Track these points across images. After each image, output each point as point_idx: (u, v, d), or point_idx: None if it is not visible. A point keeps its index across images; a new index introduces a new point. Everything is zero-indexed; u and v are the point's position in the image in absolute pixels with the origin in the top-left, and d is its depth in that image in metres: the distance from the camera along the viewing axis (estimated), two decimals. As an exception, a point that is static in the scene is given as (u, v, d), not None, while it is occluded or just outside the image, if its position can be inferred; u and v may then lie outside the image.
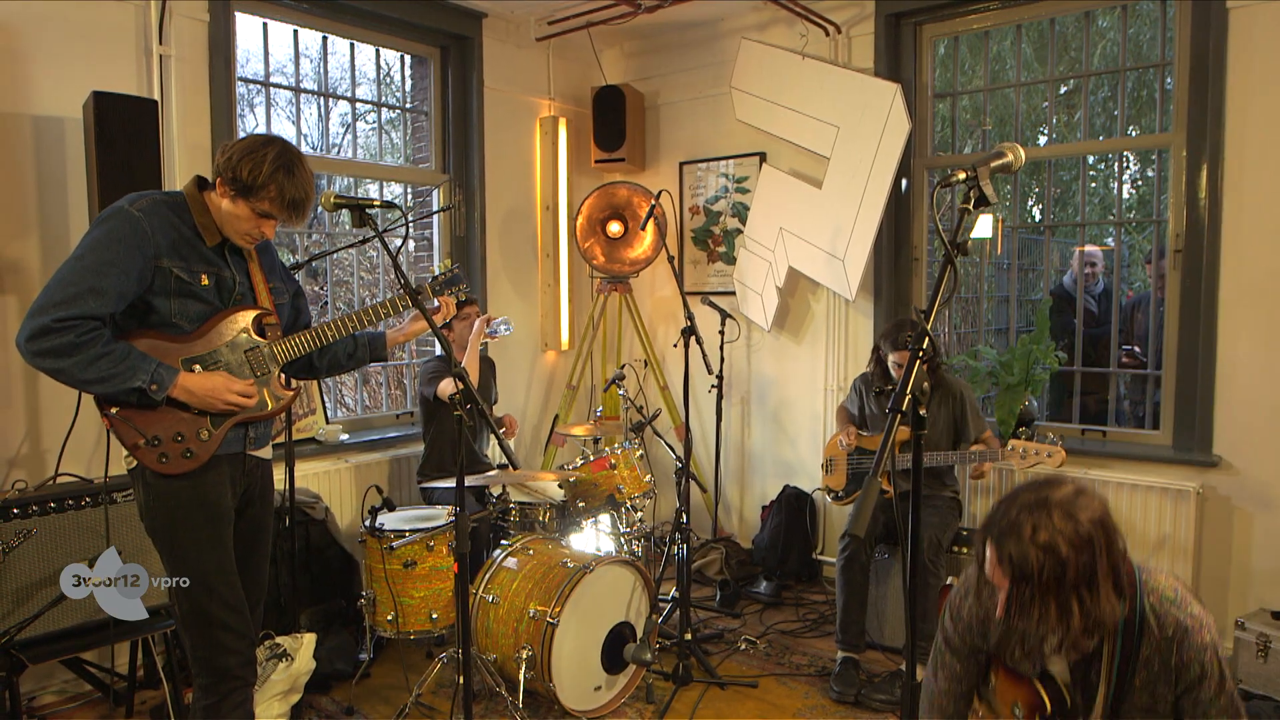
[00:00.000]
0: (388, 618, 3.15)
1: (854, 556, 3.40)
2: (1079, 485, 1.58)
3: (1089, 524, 1.51)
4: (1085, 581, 1.50)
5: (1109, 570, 1.52)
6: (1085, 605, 1.50)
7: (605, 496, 3.63)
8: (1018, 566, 1.52)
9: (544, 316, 5.10)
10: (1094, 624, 1.53)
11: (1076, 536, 1.50)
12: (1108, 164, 5.36)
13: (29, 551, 2.70)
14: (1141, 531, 3.58)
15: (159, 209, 2.07)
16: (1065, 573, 1.49)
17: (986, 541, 1.59)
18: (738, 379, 4.89)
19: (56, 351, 1.93)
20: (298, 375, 2.47)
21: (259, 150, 2.06)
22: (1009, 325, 4.40)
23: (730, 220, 4.89)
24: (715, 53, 4.85)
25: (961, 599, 1.84)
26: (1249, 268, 3.40)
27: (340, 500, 4.02)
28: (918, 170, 4.32)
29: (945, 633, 1.88)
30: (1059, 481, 1.60)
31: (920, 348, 1.49)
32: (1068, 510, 1.52)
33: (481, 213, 4.69)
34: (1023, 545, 1.51)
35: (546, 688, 2.95)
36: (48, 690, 3.18)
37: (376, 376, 5.56)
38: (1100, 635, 1.58)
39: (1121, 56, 3.91)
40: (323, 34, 4.15)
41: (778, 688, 3.36)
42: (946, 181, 1.60)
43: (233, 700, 2.17)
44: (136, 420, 2.05)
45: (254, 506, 2.32)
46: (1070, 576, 1.49)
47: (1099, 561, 1.51)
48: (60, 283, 1.95)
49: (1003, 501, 1.61)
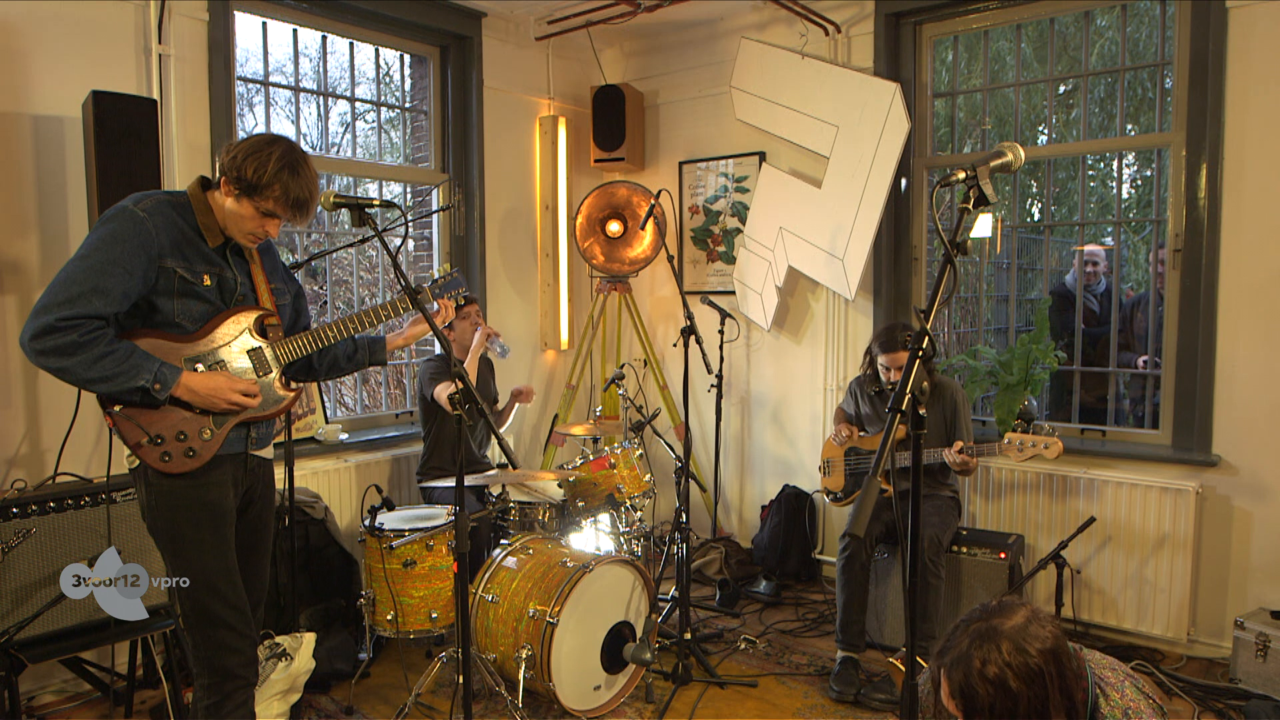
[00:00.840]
0: (387, 617, 3.15)
1: (854, 556, 3.41)
2: (1031, 611, 1.55)
3: (1039, 655, 1.48)
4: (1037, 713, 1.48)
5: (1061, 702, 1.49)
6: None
7: (605, 496, 3.63)
8: (968, 700, 1.50)
9: (543, 316, 5.10)
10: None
11: (1026, 669, 1.47)
12: (1106, 163, 5.36)
13: (28, 551, 2.71)
14: (1141, 531, 3.58)
15: (162, 209, 2.07)
16: (1017, 706, 1.47)
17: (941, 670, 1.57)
18: (737, 378, 4.89)
19: (60, 351, 1.93)
20: (296, 377, 2.47)
21: (264, 149, 2.06)
22: (1008, 325, 4.40)
23: (730, 220, 4.90)
24: (715, 52, 4.85)
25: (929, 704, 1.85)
26: (1249, 267, 3.40)
27: (340, 500, 4.02)
28: (917, 170, 4.32)
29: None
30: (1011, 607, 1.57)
31: (920, 347, 1.49)
32: (1017, 643, 1.49)
33: (481, 212, 4.69)
34: (971, 680, 1.49)
35: (546, 687, 2.95)
36: (47, 690, 3.18)
37: (376, 376, 5.56)
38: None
39: (1122, 56, 3.91)
40: (322, 33, 4.15)
41: (777, 687, 3.36)
42: (946, 181, 1.60)
43: (235, 700, 2.18)
44: (139, 419, 2.06)
45: (255, 506, 2.32)
46: (1022, 709, 1.47)
47: (1050, 693, 1.48)
48: (64, 282, 1.95)
49: (954, 628, 1.59)
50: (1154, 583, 3.57)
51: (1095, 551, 3.70)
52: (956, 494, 3.66)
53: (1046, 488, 3.82)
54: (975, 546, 3.55)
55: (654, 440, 4.40)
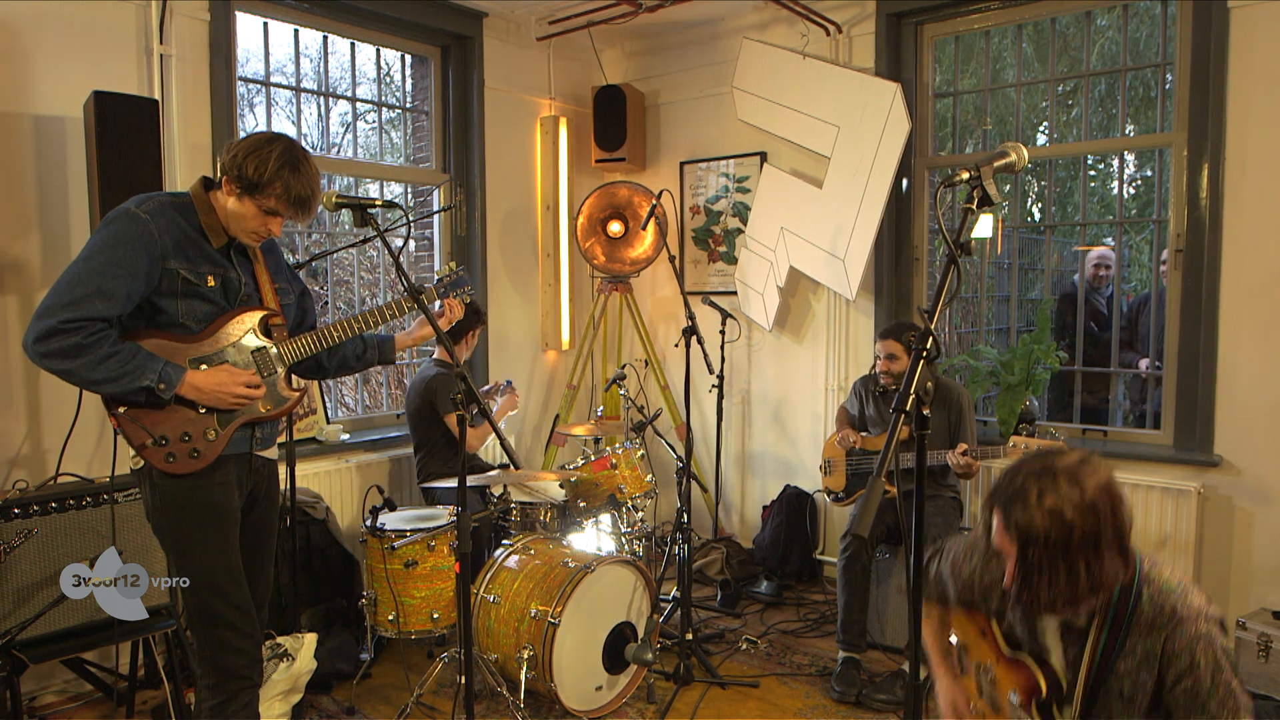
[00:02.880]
0: (389, 617, 3.15)
1: (855, 556, 3.40)
2: (1085, 454, 1.58)
3: (1095, 490, 1.52)
4: (1091, 545, 1.50)
5: (1114, 536, 1.53)
6: (1091, 569, 1.51)
7: (606, 496, 3.63)
8: (1024, 531, 1.52)
9: (544, 316, 5.10)
10: (1100, 585, 1.53)
11: (1082, 502, 1.50)
12: (1107, 163, 5.36)
13: (30, 551, 2.70)
14: (1143, 531, 3.58)
15: (165, 210, 2.07)
16: (1071, 537, 1.50)
17: (993, 509, 1.60)
18: (738, 379, 4.89)
19: (64, 353, 1.93)
20: (307, 375, 2.48)
21: (265, 147, 2.06)
22: (1010, 325, 4.39)
23: (731, 220, 4.89)
24: (716, 52, 4.85)
25: (964, 559, 1.85)
26: (1250, 267, 3.40)
27: (341, 500, 4.02)
28: (918, 170, 4.32)
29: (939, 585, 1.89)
30: (1065, 450, 1.61)
31: (924, 348, 1.49)
32: (1074, 477, 1.52)
33: (482, 212, 4.69)
34: (1029, 511, 1.52)
35: (548, 687, 2.95)
36: (49, 690, 3.18)
37: (378, 376, 5.56)
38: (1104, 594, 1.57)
39: (1123, 56, 3.91)
40: (323, 33, 4.14)
41: (779, 687, 3.36)
42: (950, 181, 1.60)
43: (239, 700, 2.17)
44: (144, 420, 2.06)
45: (259, 507, 2.32)
46: (1076, 540, 1.50)
47: (1104, 526, 1.51)
48: (67, 284, 1.95)
49: (1009, 471, 1.61)
50: (1155, 583, 3.56)
51: (1097, 552, 3.69)
52: (958, 494, 3.66)
53: (1048, 488, 3.81)
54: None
55: (655, 440, 4.40)
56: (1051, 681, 1.70)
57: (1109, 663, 1.61)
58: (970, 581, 1.83)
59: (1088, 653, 1.63)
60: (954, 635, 1.90)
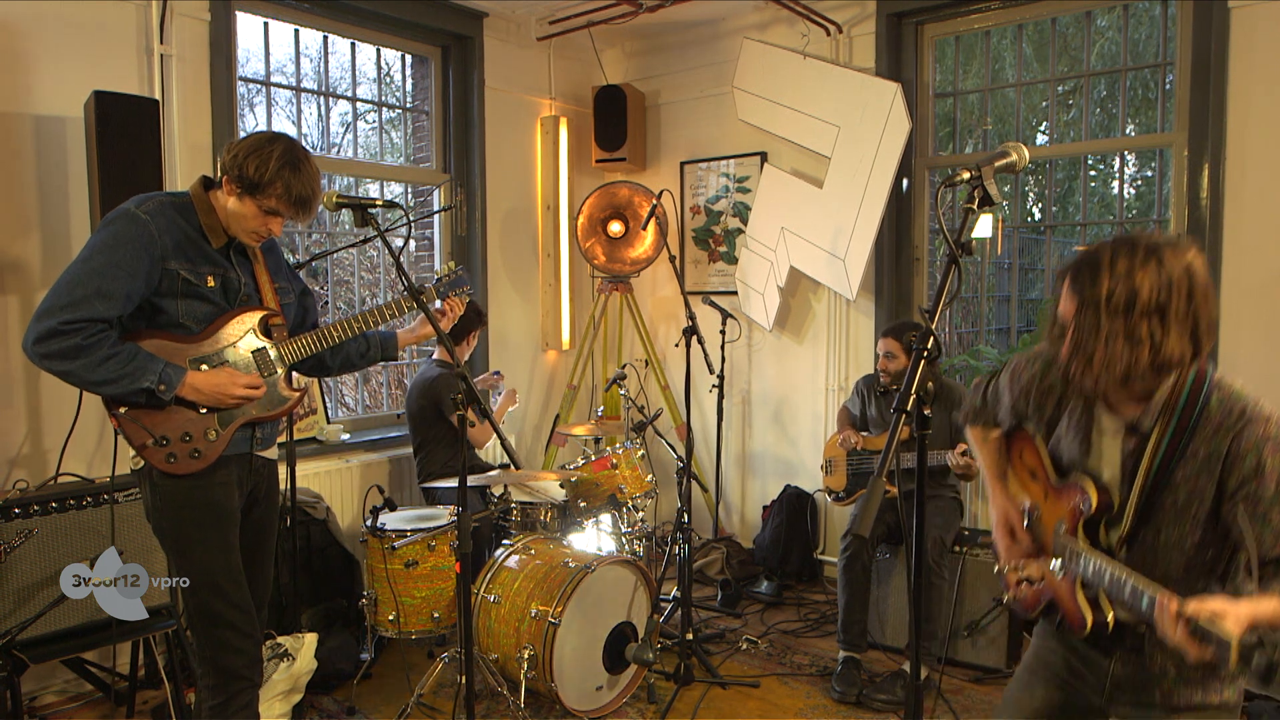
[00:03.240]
0: (389, 617, 3.15)
1: (856, 556, 3.40)
2: (1177, 236, 1.51)
3: (1175, 265, 1.43)
4: (1157, 314, 1.41)
5: (1186, 315, 1.43)
6: (1155, 339, 1.42)
7: (607, 496, 3.63)
8: (1090, 290, 1.45)
9: (545, 316, 5.10)
10: (1162, 362, 1.44)
11: (1158, 271, 1.42)
12: (1107, 163, 5.36)
13: (30, 551, 2.70)
14: (1143, 531, 3.57)
15: (165, 211, 2.07)
16: (1137, 299, 1.41)
17: (1065, 277, 1.53)
18: (739, 379, 4.89)
19: (64, 354, 1.93)
20: (310, 372, 2.49)
21: (265, 147, 2.06)
22: (1010, 325, 4.39)
23: (731, 220, 4.89)
24: (716, 52, 4.85)
25: (1025, 365, 1.77)
26: (1250, 268, 3.40)
27: (341, 500, 4.02)
28: (918, 170, 4.32)
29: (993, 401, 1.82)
30: (1155, 232, 1.53)
31: (925, 348, 1.48)
32: (1154, 249, 1.44)
33: (482, 212, 4.69)
34: (1098, 272, 1.44)
35: (548, 687, 2.94)
36: (49, 690, 3.18)
37: (377, 376, 5.56)
38: (1168, 377, 1.48)
39: (1123, 56, 3.92)
40: (323, 33, 4.14)
41: (779, 687, 3.36)
42: (951, 181, 1.60)
43: (239, 701, 2.17)
44: (145, 420, 2.06)
45: (260, 507, 2.32)
46: (1141, 304, 1.41)
47: (1176, 300, 1.42)
48: (67, 285, 1.95)
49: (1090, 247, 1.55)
50: (1156, 583, 3.56)
51: (1097, 552, 3.69)
52: (958, 494, 3.66)
53: (1048, 488, 3.81)
54: (977, 546, 3.54)
55: (655, 440, 4.40)
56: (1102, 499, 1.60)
57: (1167, 470, 1.51)
58: (1028, 387, 1.73)
59: (1146, 457, 1.53)
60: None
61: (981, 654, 3.46)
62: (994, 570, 1.86)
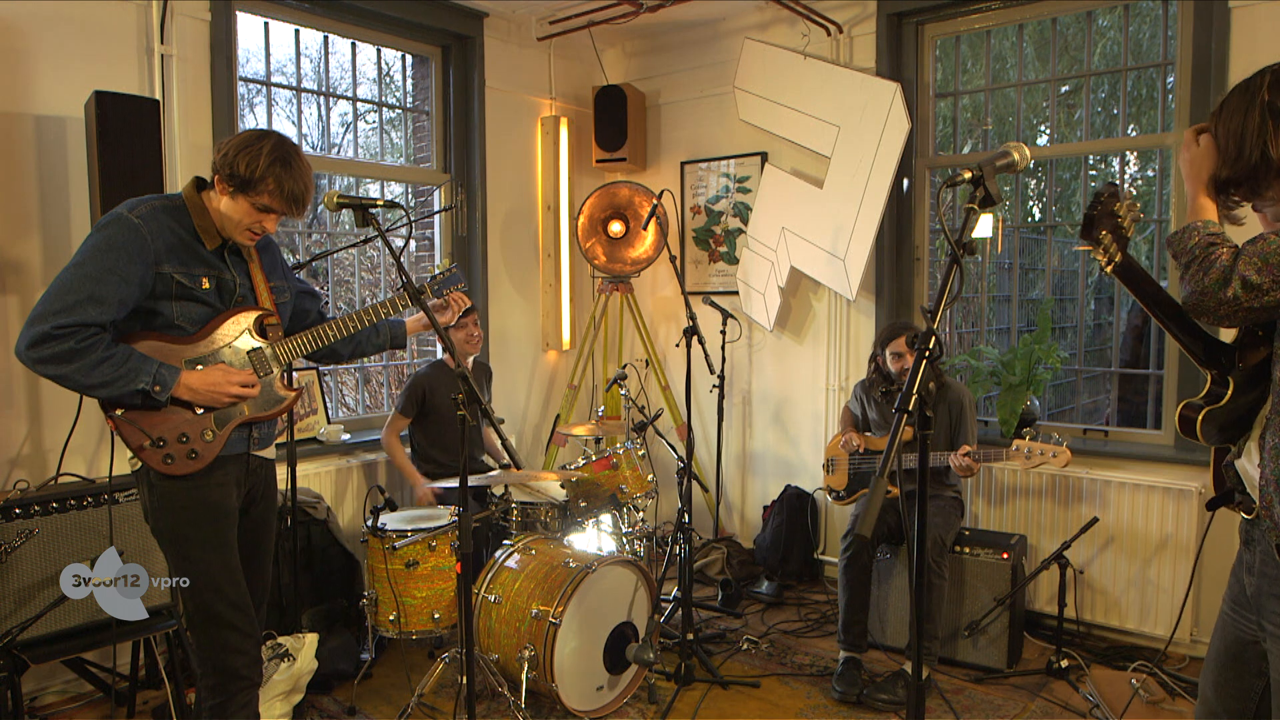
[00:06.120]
0: (390, 618, 3.15)
1: (856, 556, 3.40)
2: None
3: (1272, 73, 1.56)
4: (1242, 112, 1.61)
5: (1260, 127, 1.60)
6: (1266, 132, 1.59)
7: (607, 496, 3.63)
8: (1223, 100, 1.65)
9: (545, 316, 5.10)
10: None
11: (1250, 80, 1.57)
12: (1108, 163, 5.36)
13: (31, 552, 2.70)
14: (1144, 532, 3.58)
15: (158, 215, 2.07)
16: (1226, 102, 1.61)
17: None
18: (739, 379, 4.89)
19: (57, 358, 1.93)
20: (323, 361, 2.52)
21: (255, 144, 2.06)
22: (1010, 325, 4.39)
23: (732, 220, 4.89)
24: (716, 52, 4.85)
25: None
26: (1251, 267, 3.39)
27: (342, 500, 4.02)
28: (919, 170, 4.32)
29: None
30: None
31: (927, 347, 1.48)
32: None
33: (483, 212, 4.69)
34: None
35: (549, 688, 2.94)
36: (49, 690, 3.18)
37: (378, 376, 5.56)
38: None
39: (1124, 56, 3.91)
40: (324, 33, 4.14)
41: (780, 688, 3.35)
42: (953, 181, 1.60)
43: (239, 700, 2.17)
44: (141, 422, 2.06)
45: (258, 506, 2.32)
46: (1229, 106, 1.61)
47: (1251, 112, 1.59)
48: (60, 290, 1.95)
49: None
50: (1156, 583, 3.56)
51: (1098, 552, 3.70)
52: (959, 494, 3.66)
53: (1049, 488, 3.82)
54: (978, 547, 3.54)
55: (656, 440, 4.39)
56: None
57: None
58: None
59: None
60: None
61: (981, 654, 3.46)
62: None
